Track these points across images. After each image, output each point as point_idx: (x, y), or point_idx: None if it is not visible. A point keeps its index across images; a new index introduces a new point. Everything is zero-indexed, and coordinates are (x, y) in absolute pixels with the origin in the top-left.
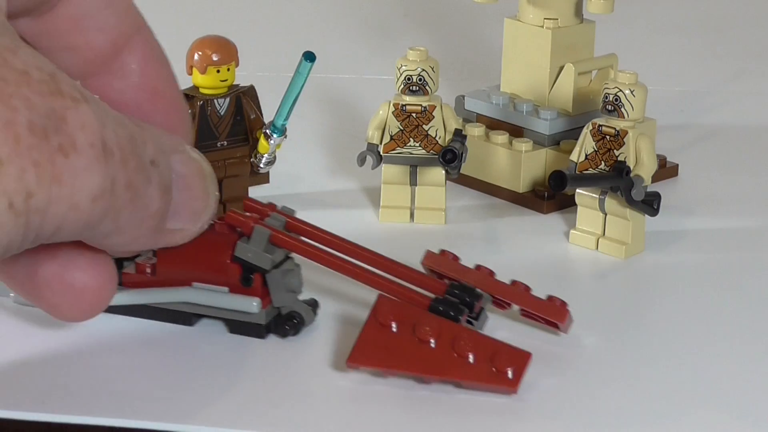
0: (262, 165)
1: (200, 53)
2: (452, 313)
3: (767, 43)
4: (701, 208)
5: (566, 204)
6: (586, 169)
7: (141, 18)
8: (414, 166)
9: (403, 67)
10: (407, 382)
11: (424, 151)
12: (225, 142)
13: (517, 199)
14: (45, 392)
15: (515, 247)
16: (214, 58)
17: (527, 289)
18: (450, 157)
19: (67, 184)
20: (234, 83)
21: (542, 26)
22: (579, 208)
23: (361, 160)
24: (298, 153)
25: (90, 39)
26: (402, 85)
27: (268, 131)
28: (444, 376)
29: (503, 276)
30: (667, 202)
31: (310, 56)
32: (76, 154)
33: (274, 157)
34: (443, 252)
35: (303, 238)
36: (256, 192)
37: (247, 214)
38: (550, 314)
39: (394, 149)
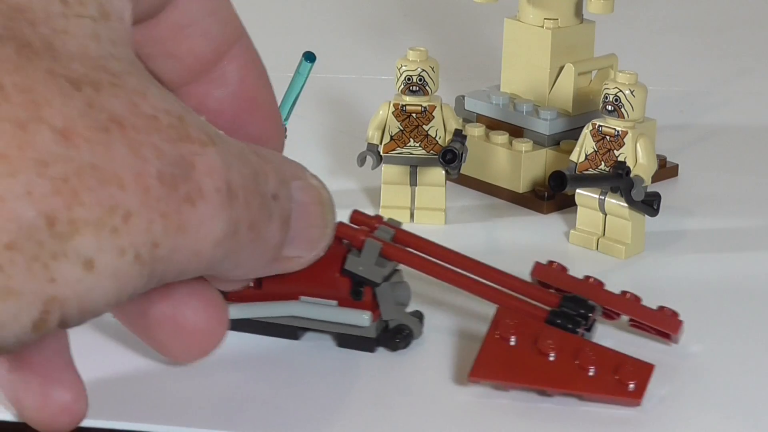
0: None
1: None
2: (570, 326)
3: (767, 43)
4: (701, 209)
5: (566, 204)
6: (586, 170)
7: (242, 26)
8: (414, 166)
9: (403, 68)
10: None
11: (424, 151)
12: None
13: (517, 200)
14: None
15: (515, 248)
16: None
17: (637, 299)
18: (450, 157)
19: (191, 233)
20: None
21: (542, 26)
22: (579, 209)
23: (361, 161)
24: (297, 153)
25: (193, 46)
26: (402, 86)
27: None
28: (567, 388)
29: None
30: (667, 203)
31: (310, 56)
32: (203, 202)
33: None
34: (551, 263)
35: (412, 251)
36: None
37: (355, 226)
38: (663, 325)
39: (394, 149)
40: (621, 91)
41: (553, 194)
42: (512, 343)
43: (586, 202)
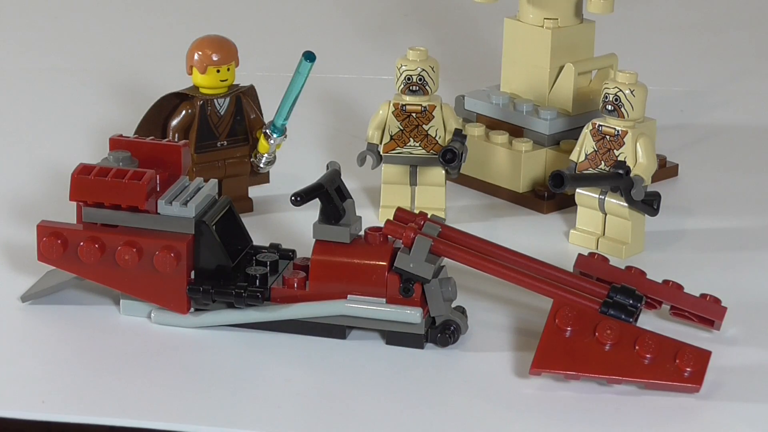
0: (262, 165)
1: (200, 53)
2: (624, 316)
3: (767, 43)
4: (701, 208)
5: (566, 204)
6: (586, 169)
7: None
8: (414, 166)
9: (403, 67)
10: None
11: (424, 150)
12: (225, 142)
13: (517, 199)
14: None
15: (515, 247)
16: (214, 58)
17: (680, 287)
18: (450, 156)
19: None
20: (234, 83)
21: (542, 26)
22: (579, 208)
23: (361, 160)
24: (298, 153)
25: None
26: (402, 85)
27: (268, 131)
28: (628, 377)
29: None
30: (667, 202)
31: (310, 56)
32: None
33: (274, 157)
34: (592, 254)
35: (462, 247)
36: (255, 192)
37: (402, 224)
38: (707, 312)
39: (394, 149)
40: (621, 90)
41: (553, 194)
42: (571, 335)
43: (586, 201)
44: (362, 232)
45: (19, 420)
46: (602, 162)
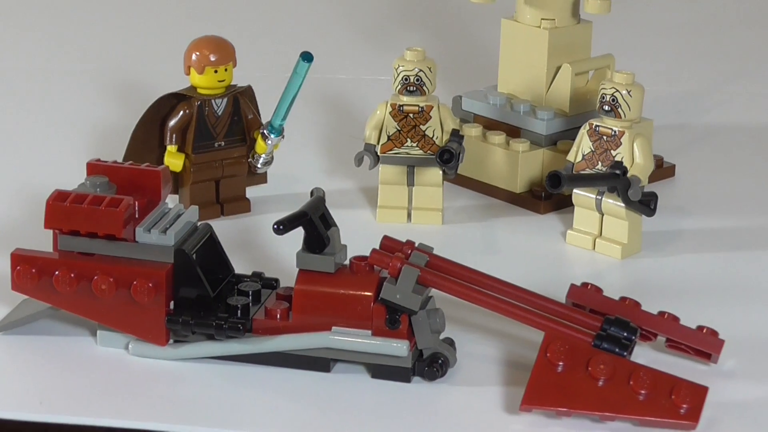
0: (259, 165)
1: (198, 54)
2: (618, 349)
3: (764, 43)
4: (698, 209)
5: (563, 204)
6: (583, 170)
7: None
8: (411, 166)
9: (401, 68)
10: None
11: (421, 151)
12: (222, 143)
13: (514, 200)
14: None
15: (512, 248)
16: (212, 59)
17: (676, 319)
18: (447, 157)
19: None
20: (231, 83)
21: (539, 27)
22: (576, 209)
23: (359, 161)
24: (295, 153)
25: None
26: (399, 86)
27: (265, 131)
28: (622, 413)
29: (503, 277)
30: (664, 203)
31: (307, 56)
32: None
33: (272, 158)
34: (585, 284)
35: (450, 277)
36: (253, 192)
37: (388, 253)
38: (704, 345)
39: (391, 149)
40: (618, 91)
41: (550, 194)
42: (563, 369)
43: (583, 202)
44: (347, 262)
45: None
46: (599, 162)
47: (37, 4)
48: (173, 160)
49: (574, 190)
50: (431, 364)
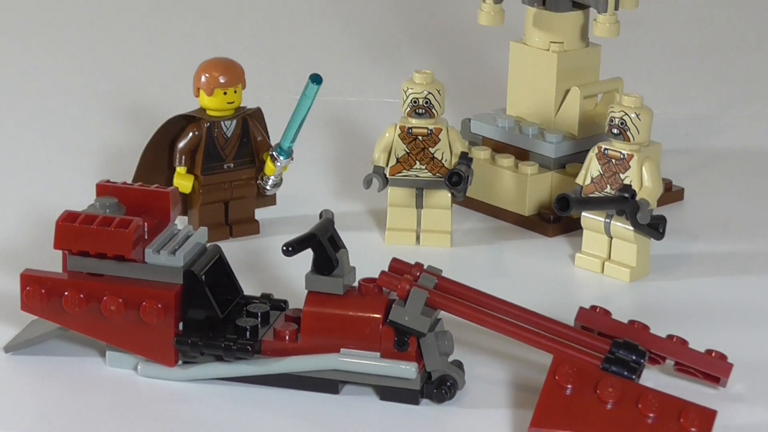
0: (268, 187)
1: (207, 75)
2: (626, 373)
3: None
4: (706, 232)
5: (572, 227)
6: (592, 193)
7: None
8: (420, 188)
9: (410, 90)
10: None
11: (430, 173)
12: (232, 164)
13: (522, 222)
14: None
15: (521, 270)
16: (221, 81)
17: (684, 342)
18: (456, 179)
19: None
20: (241, 105)
21: (548, 50)
22: (584, 232)
23: (368, 183)
24: (304, 175)
25: None
26: (408, 108)
27: (274, 153)
28: None
29: (511, 300)
30: (673, 226)
31: (316, 79)
32: None
33: (281, 179)
34: (594, 307)
35: (459, 299)
36: (262, 214)
37: (397, 275)
38: (713, 369)
39: (400, 172)
40: (627, 114)
41: (558, 217)
42: (571, 392)
43: (592, 225)
44: (356, 283)
45: None
46: (608, 185)
47: (47, 26)
48: (182, 181)
49: (583, 213)
50: (440, 387)
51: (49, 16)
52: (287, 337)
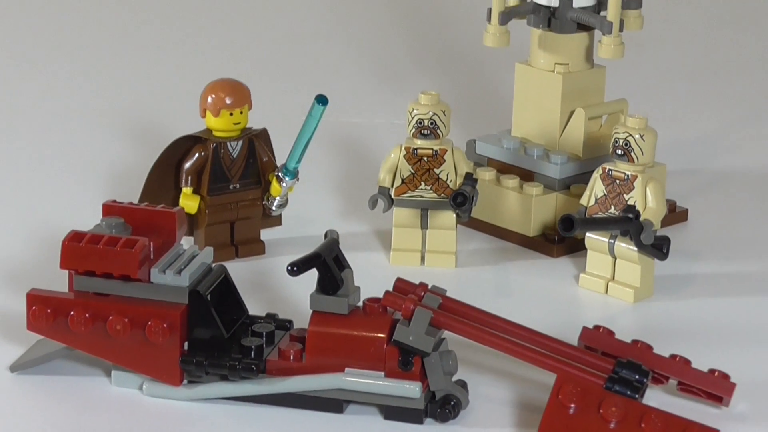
0: (274, 208)
1: (213, 96)
2: (629, 392)
3: None
4: (710, 253)
5: (576, 248)
6: (596, 213)
7: None
8: (425, 209)
9: (415, 111)
10: None
11: (435, 194)
12: (237, 185)
13: (527, 243)
14: None
15: (525, 291)
16: (228, 101)
17: (687, 362)
18: (461, 200)
19: None
20: (247, 126)
21: (553, 71)
22: (589, 252)
23: (373, 203)
24: (310, 196)
25: None
26: (413, 129)
27: (280, 174)
28: None
29: (515, 320)
30: (677, 247)
31: (322, 100)
32: None
33: (287, 200)
34: (597, 327)
35: (463, 319)
36: (267, 234)
37: (401, 295)
38: (715, 388)
39: (405, 192)
40: (631, 135)
41: (563, 238)
42: (575, 411)
43: (596, 245)
44: (361, 303)
45: None
46: (612, 206)
47: (54, 46)
48: (188, 201)
49: (587, 234)
50: (444, 406)
51: (57, 37)
52: (292, 357)
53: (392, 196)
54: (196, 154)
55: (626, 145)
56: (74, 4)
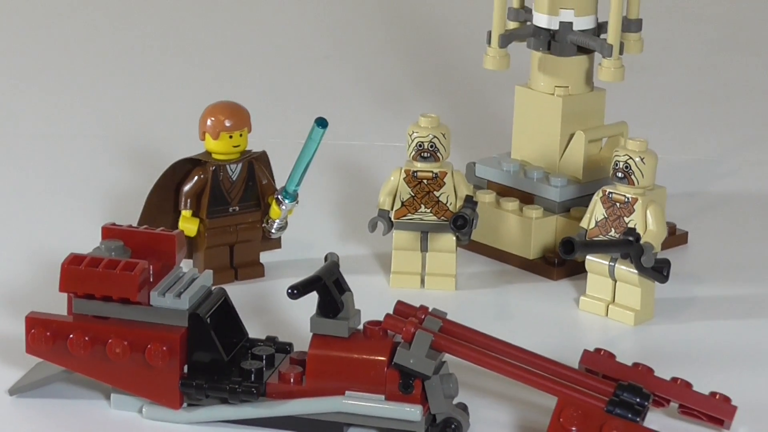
0: (273, 230)
1: (213, 119)
2: (630, 415)
3: None
4: (711, 276)
5: (576, 271)
6: (597, 236)
7: None
8: (425, 232)
9: (415, 134)
10: None
11: (435, 217)
12: (237, 208)
13: (527, 266)
14: None
15: (525, 314)
16: (227, 124)
17: (688, 385)
18: (461, 223)
19: None
20: (246, 149)
21: (553, 94)
22: (589, 275)
23: (373, 226)
24: (309, 219)
25: None
26: (413, 152)
27: (279, 197)
28: None
29: (516, 343)
30: (677, 270)
31: (322, 122)
32: None
33: (286, 223)
34: (598, 350)
35: (463, 342)
36: (267, 257)
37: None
38: (716, 411)
39: (405, 215)
40: (631, 158)
41: (563, 261)
42: None
43: (596, 268)
44: (361, 326)
45: None
46: (612, 229)
47: (53, 70)
48: (188, 224)
49: (587, 257)
50: (444, 429)
51: (55, 60)
52: (292, 380)
53: (392, 219)
54: (196, 177)
55: (626, 167)
56: (74, 27)
